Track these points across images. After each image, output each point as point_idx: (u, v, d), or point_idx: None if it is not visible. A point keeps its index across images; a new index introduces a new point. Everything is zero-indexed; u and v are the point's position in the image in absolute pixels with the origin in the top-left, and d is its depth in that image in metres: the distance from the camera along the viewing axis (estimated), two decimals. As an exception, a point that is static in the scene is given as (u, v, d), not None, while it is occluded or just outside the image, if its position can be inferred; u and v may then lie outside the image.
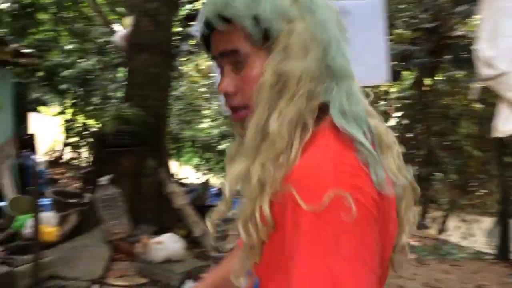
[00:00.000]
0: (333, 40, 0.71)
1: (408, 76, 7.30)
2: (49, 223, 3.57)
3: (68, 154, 9.22)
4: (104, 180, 3.13)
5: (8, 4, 7.47)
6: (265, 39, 0.71)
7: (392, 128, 8.23)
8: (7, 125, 5.41)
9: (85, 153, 9.12)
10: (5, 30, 7.12)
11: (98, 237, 3.24)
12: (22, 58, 5.29)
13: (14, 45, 4.82)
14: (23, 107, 5.73)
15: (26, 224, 3.79)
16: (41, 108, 10.34)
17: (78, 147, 9.09)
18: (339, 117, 0.68)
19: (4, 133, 5.28)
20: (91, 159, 6.80)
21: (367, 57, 2.55)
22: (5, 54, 4.51)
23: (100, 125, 8.67)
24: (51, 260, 2.82)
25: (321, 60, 0.70)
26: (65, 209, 4.15)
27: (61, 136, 9.28)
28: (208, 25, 0.75)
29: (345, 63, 0.72)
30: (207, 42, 0.79)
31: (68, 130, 8.96)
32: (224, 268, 1.01)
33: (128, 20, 3.86)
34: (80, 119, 9.04)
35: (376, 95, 8.48)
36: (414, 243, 5.94)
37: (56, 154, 9.16)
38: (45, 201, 4.48)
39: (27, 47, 6.19)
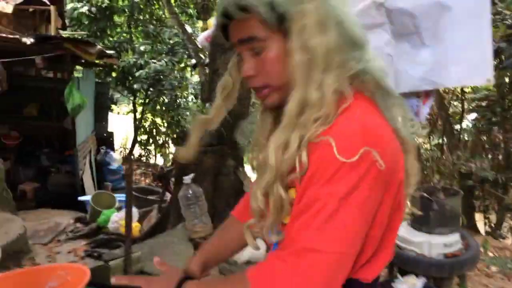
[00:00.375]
0: (343, 14, 0.79)
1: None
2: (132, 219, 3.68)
3: (137, 151, 9.59)
4: (187, 178, 3.16)
5: (87, 8, 7.89)
6: (280, 23, 0.77)
7: (467, 130, 7.82)
8: (89, 123, 5.70)
9: (153, 150, 9.44)
10: (85, 32, 7.52)
11: (180, 234, 3.29)
12: (104, 59, 5.54)
13: (99, 47, 5.06)
14: (103, 106, 6.00)
15: (110, 218, 3.95)
16: (113, 106, 10.84)
17: (147, 144, 9.42)
18: (383, 82, 0.80)
19: (87, 130, 5.56)
20: (173, 157, 6.98)
21: (469, 55, 2.37)
22: (91, 55, 4.74)
23: (166, 124, 9.01)
24: (139, 256, 2.89)
25: (340, 32, 0.77)
26: (144, 205, 4.27)
27: (131, 134, 9.67)
28: (226, 15, 0.82)
29: (362, 32, 0.81)
30: (225, 32, 0.86)
31: (138, 128, 9.31)
32: (216, 240, 1.13)
33: (212, 21, 3.90)
34: (150, 117, 9.37)
35: (451, 95, 8.05)
36: (491, 254, 5.56)
37: (127, 151, 9.55)
38: (124, 196, 4.66)
39: (106, 48, 6.47)
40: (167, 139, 9.16)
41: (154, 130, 9.41)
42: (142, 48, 8.35)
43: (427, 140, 7.32)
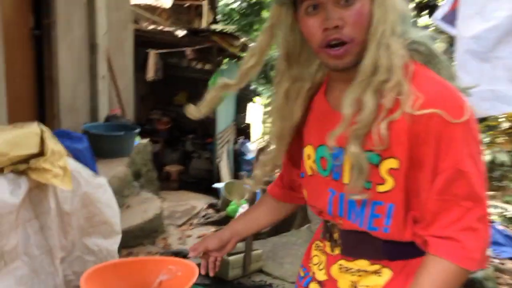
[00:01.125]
0: None
1: None
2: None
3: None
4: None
5: (238, 3, 8.21)
6: None
7: None
8: (229, 113, 5.90)
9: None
10: (234, 26, 7.84)
11: (305, 236, 3.12)
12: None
13: (242, 40, 5.17)
14: (243, 97, 6.16)
15: (239, 209, 3.99)
16: (255, 98, 11.17)
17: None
18: (432, 48, 0.86)
19: (227, 120, 5.77)
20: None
21: None
22: (234, 47, 4.86)
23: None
24: (260, 254, 2.81)
25: (405, 5, 0.84)
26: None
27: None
28: None
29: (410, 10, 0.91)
30: None
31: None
32: (247, 215, 1.21)
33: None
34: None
35: None
36: None
37: (264, 143, 9.77)
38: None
39: (252, 41, 6.63)
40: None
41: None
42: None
43: None
